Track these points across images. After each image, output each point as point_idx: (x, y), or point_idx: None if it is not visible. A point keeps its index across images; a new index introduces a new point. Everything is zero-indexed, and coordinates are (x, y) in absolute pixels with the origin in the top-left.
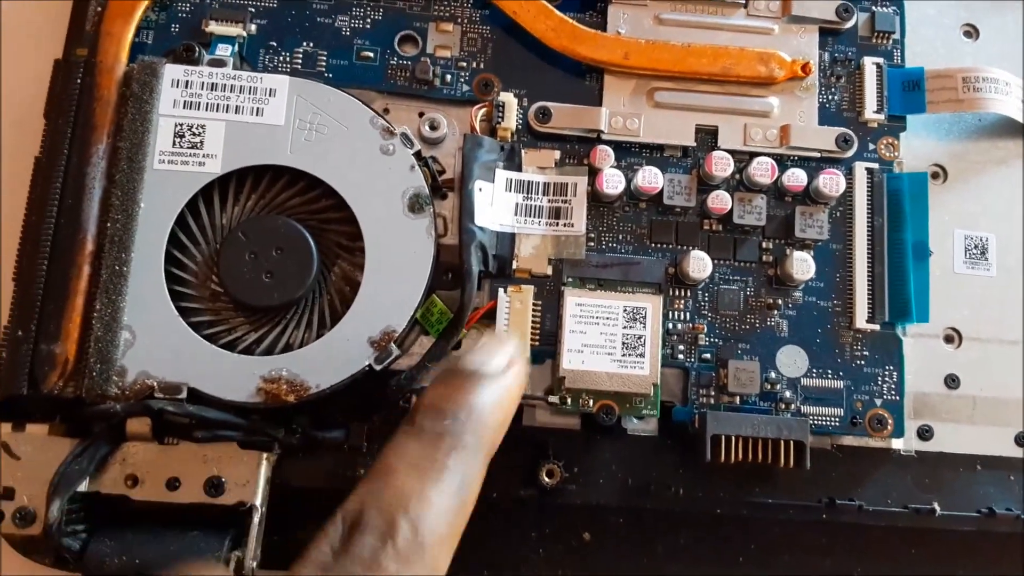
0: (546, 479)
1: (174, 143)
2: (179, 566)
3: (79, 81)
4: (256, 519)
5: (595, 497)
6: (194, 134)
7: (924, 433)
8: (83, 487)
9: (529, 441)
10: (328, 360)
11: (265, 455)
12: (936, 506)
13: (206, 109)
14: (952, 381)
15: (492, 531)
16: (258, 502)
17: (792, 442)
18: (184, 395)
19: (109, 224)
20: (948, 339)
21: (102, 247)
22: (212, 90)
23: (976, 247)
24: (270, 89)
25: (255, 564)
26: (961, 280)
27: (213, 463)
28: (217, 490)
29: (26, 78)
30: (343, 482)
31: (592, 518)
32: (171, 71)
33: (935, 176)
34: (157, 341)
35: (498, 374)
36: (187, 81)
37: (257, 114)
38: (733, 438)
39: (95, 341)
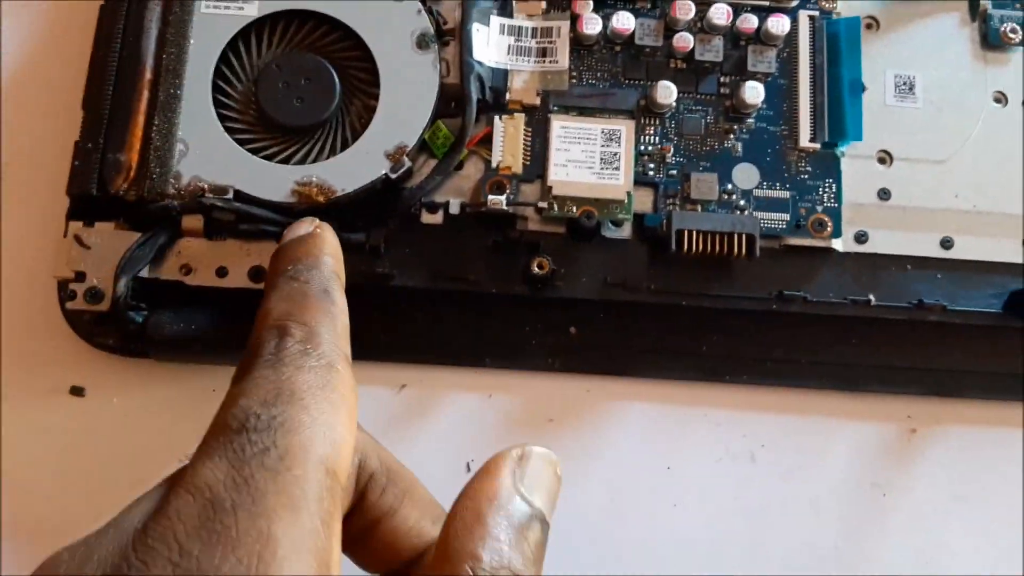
0: (537, 270)
1: None
2: None
3: None
4: None
5: (579, 292)
6: None
7: (860, 237)
8: (144, 273)
9: (521, 245)
10: (351, 169)
11: None
12: (872, 298)
13: None
14: (884, 194)
15: (491, 325)
16: None
17: (744, 235)
18: (231, 195)
19: (164, 56)
20: (881, 160)
21: (159, 75)
22: None
23: (905, 84)
24: None
25: None
26: (892, 111)
27: (255, 255)
28: (258, 277)
29: None
30: (364, 277)
31: (576, 314)
32: None
33: (868, 26)
34: (207, 152)
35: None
36: None
37: None
38: (695, 233)
39: (154, 150)
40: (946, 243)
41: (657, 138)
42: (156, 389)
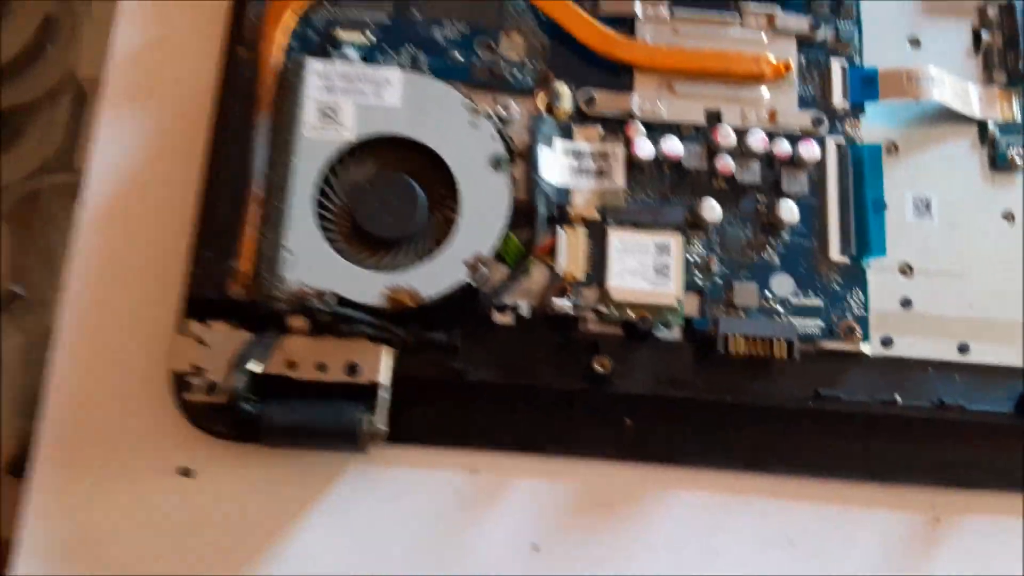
0: (599, 369)
1: (318, 118)
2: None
3: (246, 74)
4: (382, 394)
5: (634, 388)
6: (332, 111)
7: (886, 342)
8: (255, 368)
9: (582, 344)
10: (435, 276)
11: (389, 348)
12: (898, 397)
13: (341, 93)
14: (906, 303)
15: (554, 416)
16: (384, 380)
17: (783, 339)
18: (331, 298)
19: (272, 176)
20: (903, 272)
21: (268, 192)
22: (344, 79)
23: (922, 203)
24: (387, 79)
25: (383, 427)
26: (911, 228)
27: (351, 352)
28: (354, 372)
29: (189, 68)
30: (443, 372)
31: (631, 408)
32: (313, 64)
33: (889, 151)
34: (309, 260)
35: None
36: (326, 72)
37: (379, 98)
38: (739, 336)
39: (264, 258)
40: (963, 348)
41: (703, 250)
42: (263, 472)
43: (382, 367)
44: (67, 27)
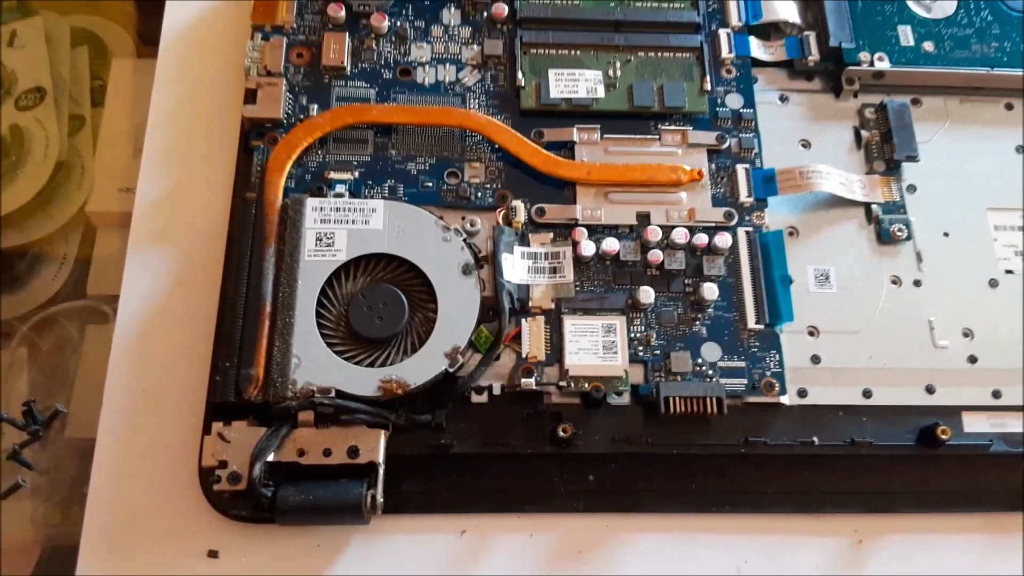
0: (562, 434)
1: (316, 244)
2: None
3: (253, 212)
4: (380, 472)
5: (594, 448)
6: (328, 238)
7: (801, 393)
8: (270, 458)
9: (547, 414)
10: (420, 367)
11: (383, 432)
12: (815, 439)
13: (334, 223)
14: (816, 359)
15: (526, 477)
16: (380, 460)
17: (715, 398)
18: (333, 394)
19: (280, 294)
20: (810, 333)
21: (276, 309)
22: (337, 211)
23: (822, 275)
24: (372, 208)
25: (381, 500)
26: (814, 296)
27: (352, 438)
28: (355, 454)
29: (204, 211)
30: (430, 448)
31: (593, 465)
32: (311, 202)
33: (791, 234)
34: (314, 362)
35: None
36: (321, 207)
37: (365, 224)
38: (678, 398)
39: (276, 365)
40: (867, 393)
41: (643, 328)
42: (280, 548)
43: (379, 448)
44: (76, 169)
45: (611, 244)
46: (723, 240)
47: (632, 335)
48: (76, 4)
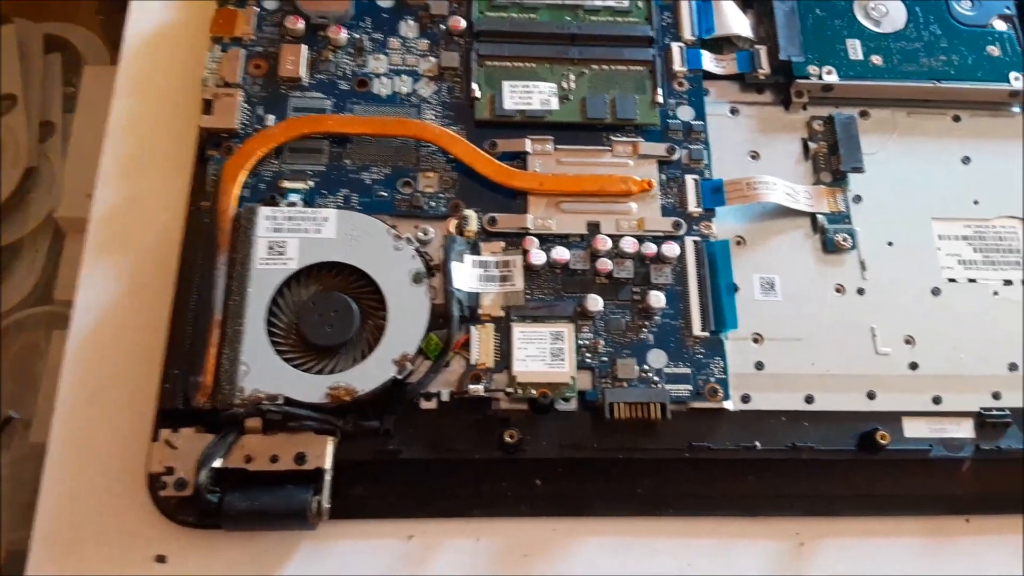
0: (508, 439)
1: (267, 252)
2: None
3: (207, 221)
4: (327, 478)
5: (541, 453)
6: (280, 247)
7: (744, 399)
8: (217, 464)
9: (495, 420)
10: (369, 374)
11: (331, 438)
12: (758, 444)
13: (286, 232)
14: (760, 366)
15: (474, 482)
16: (327, 466)
17: (659, 404)
18: (281, 401)
19: (230, 303)
20: (755, 340)
21: (226, 316)
22: (289, 220)
23: (768, 283)
24: (324, 217)
25: (328, 505)
26: (760, 304)
27: (299, 444)
28: (302, 460)
29: (160, 219)
30: (379, 454)
31: (540, 470)
32: (263, 211)
33: (738, 243)
34: (262, 370)
35: None
36: (274, 216)
37: (318, 232)
38: (623, 404)
39: (224, 372)
40: (809, 399)
41: (591, 335)
42: (227, 555)
43: (326, 454)
44: (46, 175)
45: (561, 253)
46: (671, 249)
47: (580, 342)
48: (50, 11)
